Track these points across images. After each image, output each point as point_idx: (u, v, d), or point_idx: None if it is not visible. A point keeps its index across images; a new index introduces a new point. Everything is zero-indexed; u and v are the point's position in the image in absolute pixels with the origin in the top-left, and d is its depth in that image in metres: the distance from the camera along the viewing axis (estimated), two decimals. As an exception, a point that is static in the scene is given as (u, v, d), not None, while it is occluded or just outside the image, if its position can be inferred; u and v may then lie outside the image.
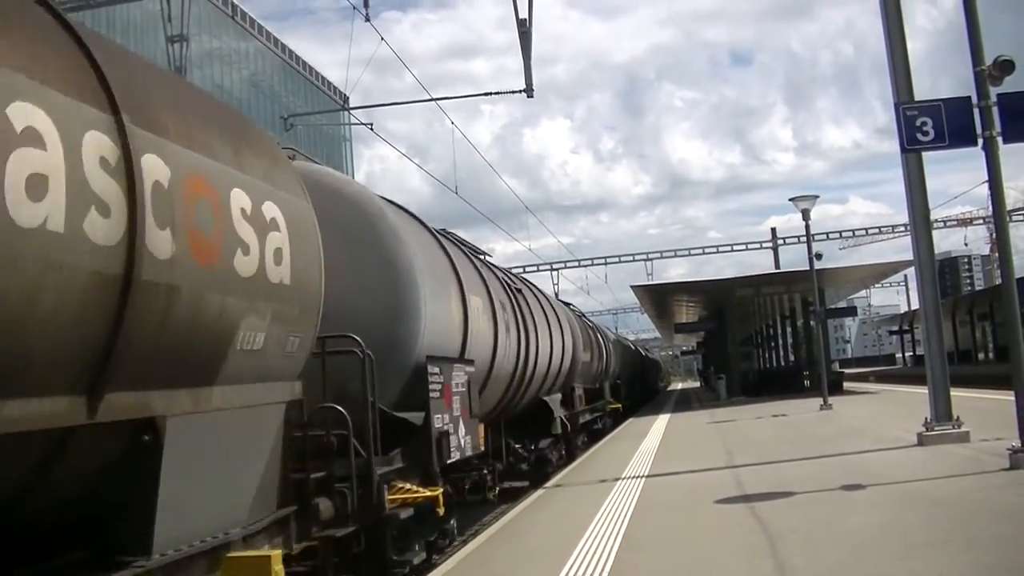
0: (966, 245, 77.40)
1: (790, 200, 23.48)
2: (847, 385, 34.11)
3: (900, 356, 76.58)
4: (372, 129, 21.99)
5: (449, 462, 8.08)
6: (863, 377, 51.98)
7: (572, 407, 17.14)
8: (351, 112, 39.61)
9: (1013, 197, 50.65)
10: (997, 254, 10.77)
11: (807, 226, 24.24)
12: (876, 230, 57.71)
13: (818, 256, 26.55)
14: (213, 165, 4.61)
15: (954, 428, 12.02)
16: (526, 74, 17.10)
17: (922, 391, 14.41)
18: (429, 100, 20.95)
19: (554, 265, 53.98)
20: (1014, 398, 9.51)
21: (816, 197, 23.67)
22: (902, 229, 50.45)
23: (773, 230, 52.09)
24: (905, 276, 62.35)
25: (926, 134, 10.06)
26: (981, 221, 58.28)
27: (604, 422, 23.22)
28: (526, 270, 49.60)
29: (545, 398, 14.83)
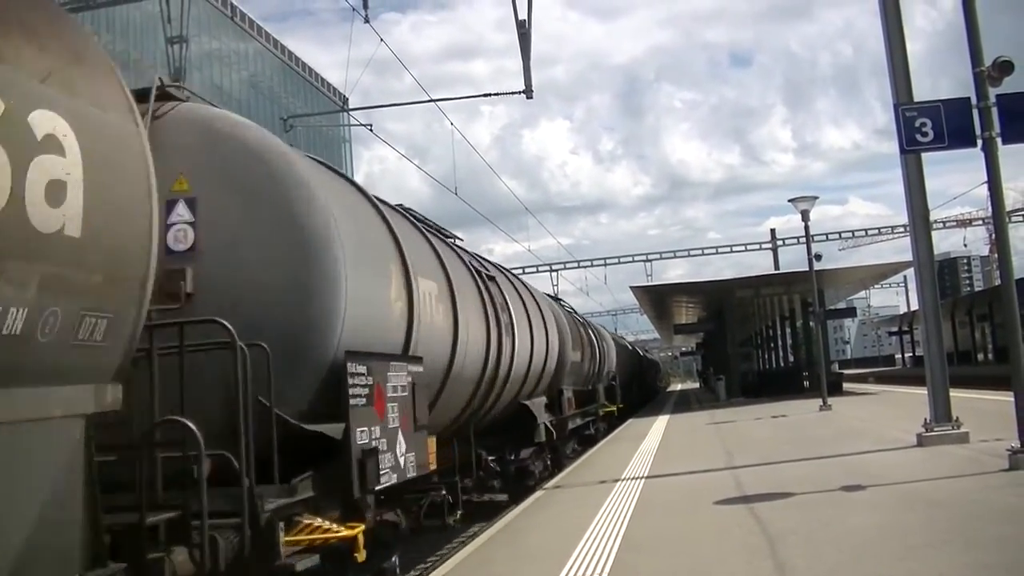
0: (965, 246, 77.46)
1: (789, 201, 23.47)
2: (846, 386, 34.08)
3: (899, 357, 76.55)
4: (371, 130, 21.90)
5: (381, 487, 6.28)
6: (862, 378, 51.89)
7: (560, 412, 15.74)
8: (350, 113, 39.76)
9: (1012, 198, 50.58)
10: (996, 255, 10.78)
11: (806, 227, 24.22)
12: (875, 231, 57.83)
13: (817, 257, 26.58)
14: None
15: (953, 429, 12.02)
16: (525, 75, 17.09)
17: (921, 392, 14.40)
18: (428, 101, 20.78)
19: (553, 266, 54.14)
20: (1013, 399, 9.51)
21: (815, 198, 23.67)
22: (901, 230, 50.46)
23: (772, 231, 52.28)
24: (904, 277, 62.43)
25: (925, 135, 10.07)
26: (980, 222, 58.15)
27: (597, 427, 21.87)
28: (525, 271, 49.74)
29: (526, 402, 13.09)
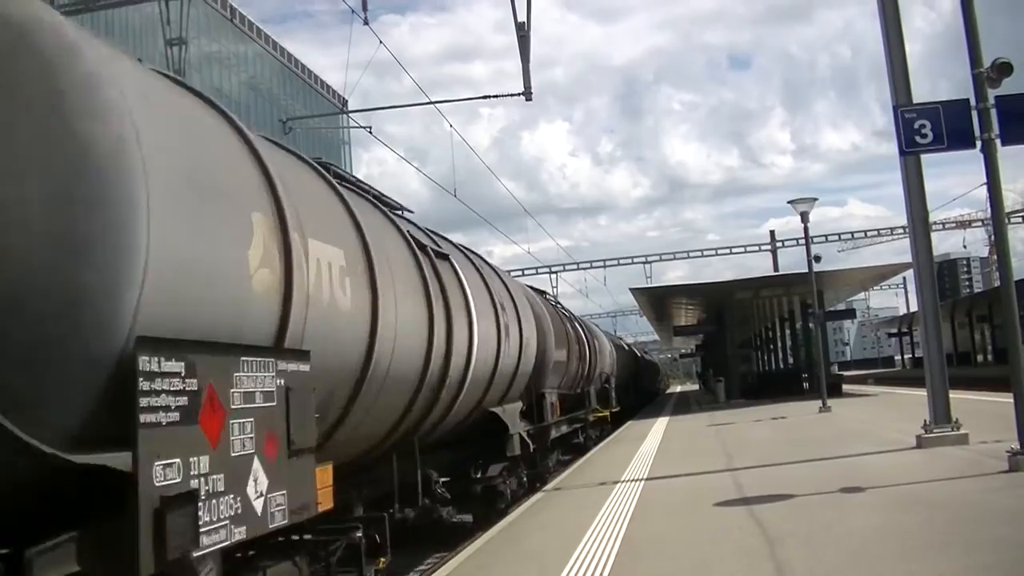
0: (965, 247, 77.91)
1: (789, 203, 23.44)
2: (846, 387, 34.09)
3: (899, 358, 76.63)
4: (371, 132, 21.79)
5: (205, 551, 3.72)
6: (862, 379, 51.92)
7: (540, 419, 13.80)
8: (350, 115, 39.91)
9: (1011, 199, 50.74)
10: (996, 256, 10.80)
11: (806, 228, 24.23)
12: (875, 232, 57.94)
13: (817, 259, 26.64)
14: None
15: (953, 430, 12.02)
16: (524, 77, 17.11)
17: (921, 393, 14.41)
18: (428, 103, 20.60)
19: (553, 268, 54.17)
20: (1013, 400, 9.52)
21: (815, 200, 23.66)
22: (901, 231, 50.53)
23: (772, 232, 52.34)
24: (904, 278, 62.37)
25: (925, 136, 10.08)
26: (980, 223, 58.24)
27: (587, 435, 19.98)
28: (525, 273, 49.78)
29: (495, 409, 10.73)
